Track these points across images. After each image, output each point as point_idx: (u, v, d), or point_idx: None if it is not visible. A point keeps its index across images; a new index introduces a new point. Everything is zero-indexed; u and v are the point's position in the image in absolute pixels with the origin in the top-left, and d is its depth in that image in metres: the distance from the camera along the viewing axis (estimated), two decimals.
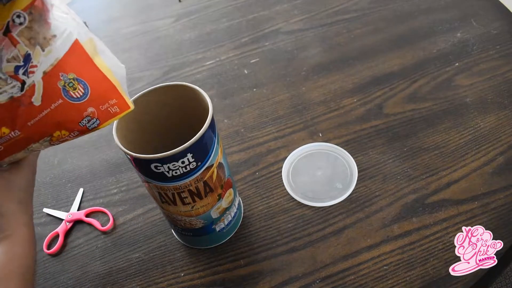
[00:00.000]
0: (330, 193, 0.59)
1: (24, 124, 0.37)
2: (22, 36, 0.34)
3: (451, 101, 0.68)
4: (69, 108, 0.37)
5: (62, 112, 0.37)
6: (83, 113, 0.38)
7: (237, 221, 0.57)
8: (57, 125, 0.38)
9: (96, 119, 0.38)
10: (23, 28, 0.33)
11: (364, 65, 0.77)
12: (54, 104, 0.36)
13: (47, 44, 0.35)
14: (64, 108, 0.37)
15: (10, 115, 0.37)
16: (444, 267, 0.50)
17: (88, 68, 0.37)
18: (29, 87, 0.35)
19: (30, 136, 0.38)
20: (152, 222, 0.61)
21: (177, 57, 0.87)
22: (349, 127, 0.67)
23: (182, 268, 0.55)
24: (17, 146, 0.39)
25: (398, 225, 0.55)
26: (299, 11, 0.92)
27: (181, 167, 0.43)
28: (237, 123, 0.72)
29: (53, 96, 0.36)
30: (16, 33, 0.33)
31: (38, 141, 0.39)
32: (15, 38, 0.33)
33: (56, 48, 0.35)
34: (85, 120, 0.38)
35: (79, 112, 0.37)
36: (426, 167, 0.60)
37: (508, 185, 0.56)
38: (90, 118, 0.38)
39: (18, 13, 0.33)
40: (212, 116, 0.44)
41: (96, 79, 0.37)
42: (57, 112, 0.37)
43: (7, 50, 0.33)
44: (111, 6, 1.10)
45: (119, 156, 0.70)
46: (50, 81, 0.36)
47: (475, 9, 0.84)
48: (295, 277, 0.52)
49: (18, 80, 0.35)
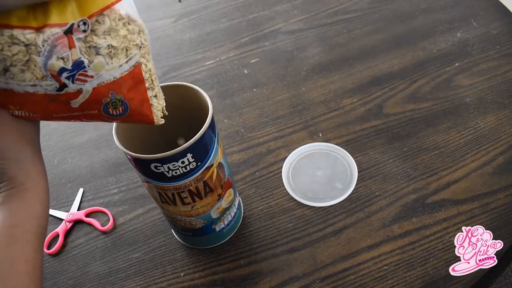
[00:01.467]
0: (330, 193, 0.59)
1: (47, 113, 0.36)
2: (82, 42, 0.32)
3: (451, 101, 0.68)
4: (98, 117, 0.37)
5: (89, 117, 0.37)
6: (109, 120, 0.38)
7: (237, 221, 0.57)
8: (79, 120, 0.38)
9: None
10: (87, 34, 0.32)
11: (364, 65, 0.77)
12: (88, 111, 0.36)
13: (113, 61, 0.34)
14: (94, 116, 0.36)
15: (34, 104, 0.35)
16: (444, 267, 0.50)
17: (137, 92, 0.36)
18: (72, 91, 0.34)
19: (47, 119, 0.37)
20: (152, 222, 0.61)
21: (177, 57, 0.87)
22: (349, 127, 0.67)
23: (182, 268, 0.55)
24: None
25: (398, 225, 0.55)
26: (299, 11, 0.92)
27: (181, 167, 0.43)
28: (237, 123, 0.72)
29: (93, 106, 0.35)
30: (77, 37, 0.32)
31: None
32: (73, 41, 0.32)
33: (119, 67, 0.34)
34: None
35: (103, 119, 0.37)
36: (426, 167, 0.60)
37: (508, 185, 0.56)
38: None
39: (85, 20, 0.32)
40: (212, 116, 0.44)
41: (139, 102, 0.37)
42: (85, 116, 0.36)
43: (61, 48, 0.32)
44: None
45: (119, 156, 0.70)
46: (98, 95, 0.35)
47: (475, 9, 0.84)
48: (295, 277, 0.52)
49: (58, 81, 0.33)
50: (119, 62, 0.34)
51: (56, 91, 0.34)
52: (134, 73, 0.35)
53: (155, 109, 0.39)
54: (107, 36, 0.33)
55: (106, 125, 0.76)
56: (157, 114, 0.39)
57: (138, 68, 0.36)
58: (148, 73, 0.37)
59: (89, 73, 0.34)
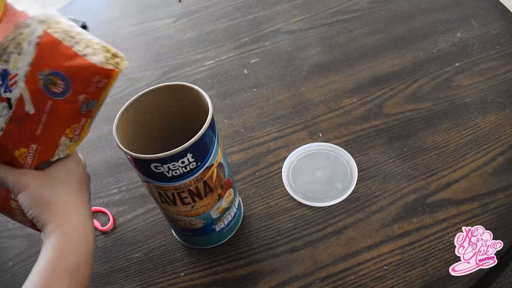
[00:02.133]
0: (330, 193, 0.59)
1: (34, 136, 0.37)
2: None
3: (451, 101, 0.68)
4: (62, 105, 0.36)
5: (59, 111, 0.36)
6: (77, 103, 0.37)
7: (237, 221, 0.57)
8: (63, 124, 0.38)
9: (92, 99, 0.37)
10: None
11: (364, 65, 0.77)
12: (46, 106, 0.36)
13: (21, 46, 0.34)
14: (58, 106, 0.36)
15: (18, 135, 0.36)
16: (444, 267, 0.50)
17: (60, 56, 0.35)
18: (16, 100, 0.34)
19: (48, 143, 0.38)
20: (152, 222, 0.61)
21: (177, 57, 0.87)
22: (349, 127, 0.67)
23: (182, 268, 0.55)
24: (44, 155, 0.39)
25: (398, 225, 0.55)
26: (299, 11, 0.92)
27: (181, 167, 0.43)
28: (237, 123, 0.72)
29: (41, 99, 0.35)
30: None
31: (58, 145, 0.39)
32: None
33: (27, 47, 0.34)
34: (84, 106, 0.37)
35: (73, 105, 0.37)
36: (426, 167, 0.60)
37: (508, 185, 0.56)
38: (87, 103, 0.37)
39: None
40: (212, 116, 0.44)
41: (71, 64, 0.35)
42: (54, 113, 0.36)
43: None
44: (111, 6, 1.10)
45: (119, 156, 0.70)
46: (33, 85, 0.35)
47: (475, 9, 0.84)
48: (295, 277, 0.52)
49: (3, 101, 0.34)
50: (23, 48, 0.34)
51: (10, 109, 0.34)
52: (44, 43, 0.34)
53: (96, 56, 0.36)
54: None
55: (106, 125, 0.76)
56: (107, 58, 0.36)
57: (47, 37, 0.34)
58: (62, 33, 0.35)
59: (12, 72, 0.34)
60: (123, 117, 0.47)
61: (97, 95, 0.38)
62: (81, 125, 0.39)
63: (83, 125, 0.39)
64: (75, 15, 1.01)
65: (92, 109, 0.38)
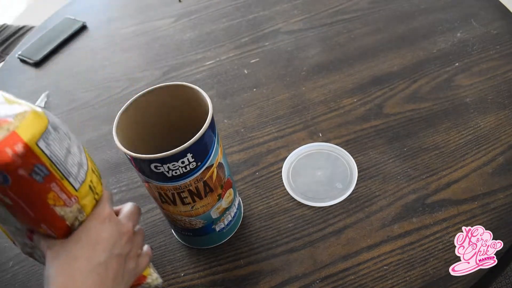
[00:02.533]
0: (330, 193, 0.59)
1: (33, 219, 0.37)
2: None
3: (451, 101, 0.68)
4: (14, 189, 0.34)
5: (21, 193, 0.35)
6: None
7: (237, 221, 0.57)
8: (37, 199, 0.36)
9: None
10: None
11: (364, 65, 0.77)
12: (10, 195, 0.35)
13: None
14: (16, 190, 0.35)
15: (26, 220, 0.37)
16: (444, 267, 0.50)
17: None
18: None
19: (48, 219, 0.37)
20: (152, 222, 0.61)
21: (177, 57, 0.87)
22: (349, 127, 0.67)
23: (182, 268, 0.55)
24: (58, 229, 0.38)
25: (398, 225, 0.55)
26: (299, 11, 0.92)
27: (181, 167, 0.43)
28: (237, 123, 0.72)
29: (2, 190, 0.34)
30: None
31: (59, 215, 0.37)
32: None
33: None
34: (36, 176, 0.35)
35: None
36: (426, 167, 0.60)
37: (508, 185, 0.56)
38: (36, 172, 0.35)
39: None
40: (212, 116, 0.44)
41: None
42: (21, 196, 0.35)
43: None
44: (111, 6, 1.10)
45: (119, 156, 0.70)
46: None
47: (475, 9, 0.84)
48: (295, 277, 0.52)
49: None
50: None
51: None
52: None
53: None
54: None
55: (106, 125, 0.77)
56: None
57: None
58: None
59: None
60: (123, 117, 0.47)
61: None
62: (57, 189, 0.36)
63: (59, 189, 0.36)
64: (75, 15, 1.01)
65: (44, 175, 0.35)
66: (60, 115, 0.80)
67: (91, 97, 0.83)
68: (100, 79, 0.86)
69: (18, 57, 0.95)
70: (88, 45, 0.96)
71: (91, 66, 0.90)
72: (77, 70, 0.90)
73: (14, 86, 0.89)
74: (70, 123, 0.78)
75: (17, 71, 0.93)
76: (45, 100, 0.84)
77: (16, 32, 1.31)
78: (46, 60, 0.93)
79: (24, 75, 0.92)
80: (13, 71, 0.93)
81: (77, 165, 0.38)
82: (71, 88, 0.86)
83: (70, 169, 0.37)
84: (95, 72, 0.89)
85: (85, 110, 0.80)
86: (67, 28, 0.99)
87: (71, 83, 0.87)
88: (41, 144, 0.34)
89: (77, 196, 0.38)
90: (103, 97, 0.82)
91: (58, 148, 0.36)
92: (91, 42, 0.97)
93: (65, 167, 0.36)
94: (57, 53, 0.95)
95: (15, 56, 0.96)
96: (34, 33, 1.03)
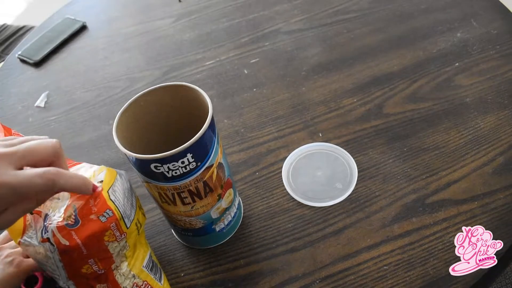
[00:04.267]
0: (330, 193, 0.59)
1: (85, 255, 0.41)
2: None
3: (451, 101, 0.68)
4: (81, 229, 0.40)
5: (84, 234, 0.40)
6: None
7: (237, 221, 0.57)
8: (95, 238, 0.41)
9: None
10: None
11: (364, 65, 0.77)
12: (72, 236, 0.40)
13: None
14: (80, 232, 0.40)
15: (73, 262, 0.41)
16: (444, 267, 0.50)
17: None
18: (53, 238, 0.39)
19: (101, 254, 0.42)
20: (152, 222, 0.61)
21: (177, 57, 0.87)
22: (349, 127, 0.67)
23: (182, 268, 0.55)
24: (105, 264, 0.43)
25: (398, 225, 0.55)
26: (299, 11, 0.92)
27: (181, 167, 0.43)
28: (237, 123, 0.72)
29: (66, 232, 0.40)
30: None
31: (109, 252, 0.42)
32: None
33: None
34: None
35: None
36: (426, 167, 0.60)
37: (508, 185, 0.57)
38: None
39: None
40: (212, 116, 0.44)
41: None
42: (82, 237, 0.40)
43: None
44: (111, 6, 1.10)
45: (119, 156, 0.70)
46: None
47: (475, 9, 0.84)
48: (295, 277, 0.52)
49: (45, 242, 0.39)
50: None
51: (53, 246, 0.39)
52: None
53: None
54: None
55: (106, 125, 0.77)
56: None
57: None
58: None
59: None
60: (123, 117, 0.47)
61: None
62: (114, 228, 0.41)
63: (116, 228, 0.41)
64: (75, 15, 1.01)
65: (108, 216, 0.41)
66: (60, 115, 0.80)
67: (91, 97, 0.83)
68: (100, 79, 0.86)
69: (18, 57, 0.95)
70: (88, 45, 0.96)
71: (91, 66, 0.90)
72: (77, 70, 0.90)
73: (14, 86, 0.89)
74: (70, 123, 0.78)
75: (17, 71, 0.93)
76: (45, 100, 0.84)
77: (16, 32, 1.31)
78: (46, 60, 0.93)
79: (24, 75, 0.92)
80: (13, 71, 0.93)
81: (130, 206, 0.44)
82: (71, 88, 0.86)
83: (126, 210, 0.43)
84: (95, 72, 0.89)
85: (85, 110, 0.80)
86: (67, 28, 0.99)
87: (71, 83, 0.87)
88: (110, 191, 0.41)
89: (126, 233, 0.43)
90: (103, 97, 0.82)
91: (121, 192, 0.43)
92: (91, 42, 0.97)
93: (124, 208, 0.42)
94: (57, 53, 0.95)
95: (15, 56, 0.96)
96: (34, 33, 1.03)
